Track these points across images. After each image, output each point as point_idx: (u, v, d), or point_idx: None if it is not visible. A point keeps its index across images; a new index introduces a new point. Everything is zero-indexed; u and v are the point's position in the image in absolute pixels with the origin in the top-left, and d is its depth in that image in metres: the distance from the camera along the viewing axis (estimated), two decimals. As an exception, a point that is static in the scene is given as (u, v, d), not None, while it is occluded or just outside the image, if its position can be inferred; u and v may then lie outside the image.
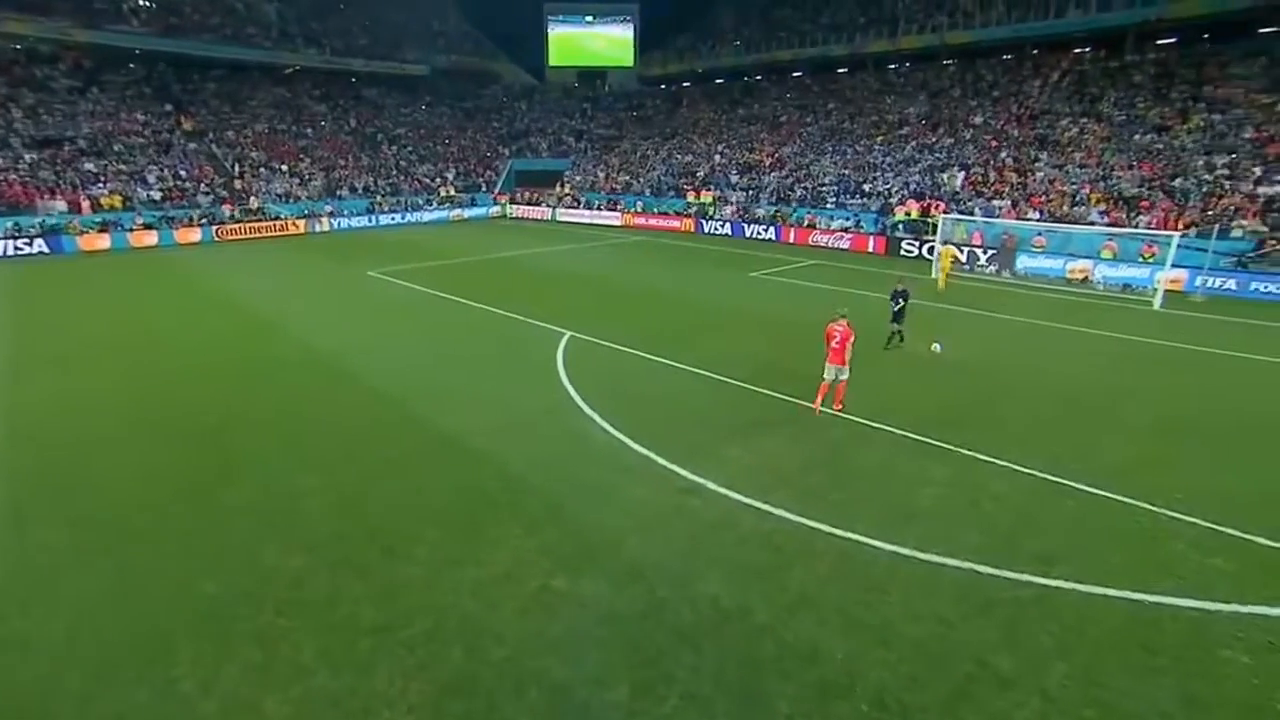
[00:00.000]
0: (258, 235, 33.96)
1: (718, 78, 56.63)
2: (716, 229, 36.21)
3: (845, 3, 50.62)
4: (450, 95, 56.64)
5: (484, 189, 46.92)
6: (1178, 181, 27.63)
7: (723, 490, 8.31)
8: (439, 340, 15.05)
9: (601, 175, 47.56)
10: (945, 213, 29.45)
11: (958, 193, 31.66)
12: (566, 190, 46.01)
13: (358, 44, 51.27)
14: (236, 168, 38.70)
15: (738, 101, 51.84)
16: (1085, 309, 19.70)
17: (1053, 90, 37.46)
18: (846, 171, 37.51)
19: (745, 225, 35.03)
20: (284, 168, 40.63)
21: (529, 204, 44.98)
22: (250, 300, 19.10)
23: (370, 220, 38.79)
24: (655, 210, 39.96)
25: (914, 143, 37.62)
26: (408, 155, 47.61)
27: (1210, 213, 25.20)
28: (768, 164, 41.52)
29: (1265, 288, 21.43)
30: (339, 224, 37.40)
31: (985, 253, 26.38)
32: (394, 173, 44.94)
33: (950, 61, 44.51)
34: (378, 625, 5.92)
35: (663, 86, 60.25)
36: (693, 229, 37.14)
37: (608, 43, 61.87)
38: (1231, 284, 21.92)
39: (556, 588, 6.40)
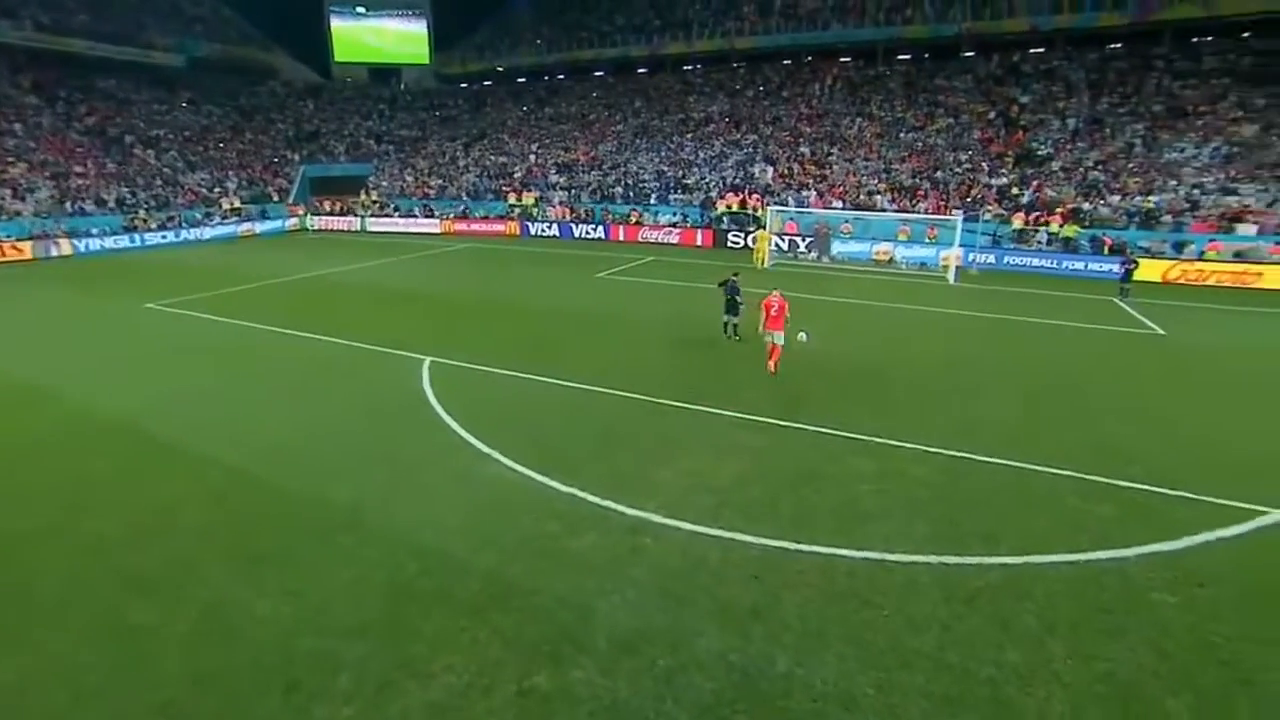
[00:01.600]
0: (-44, 266, 26.21)
1: (519, 77, 55.24)
2: (544, 231, 35.10)
3: (641, 6, 51.80)
4: (219, 91, 48.66)
5: (276, 199, 40.92)
6: (939, 174, 31.96)
7: (671, 522, 7.55)
8: (275, 384, 12.37)
9: (411, 180, 43.94)
10: (760, 205, 31.30)
11: (770, 185, 33.78)
12: (373, 197, 41.79)
13: (76, 20, 41.76)
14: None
15: (544, 101, 50.92)
16: (899, 287, 21.90)
17: (831, 93, 41.48)
18: (664, 168, 38.38)
19: (574, 226, 34.33)
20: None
21: (334, 214, 40.13)
22: (-23, 355, 14.39)
23: (132, 241, 31.72)
24: (477, 215, 37.73)
25: (722, 139, 39.53)
26: (172, 161, 40.00)
27: (968, 200, 29.47)
28: (584, 162, 41.19)
29: (1016, 260, 25.60)
30: (86, 246, 30.06)
31: (804, 240, 28.40)
32: (157, 182, 37.49)
33: (740, 65, 47.58)
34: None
35: (464, 85, 57.36)
36: (518, 232, 35.66)
37: (398, 38, 57.33)
38: (992, 259, 25.81)
39: (538, 687, 5.20)
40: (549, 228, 34.85)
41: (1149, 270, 22.47)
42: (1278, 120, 29.47)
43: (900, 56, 43.81)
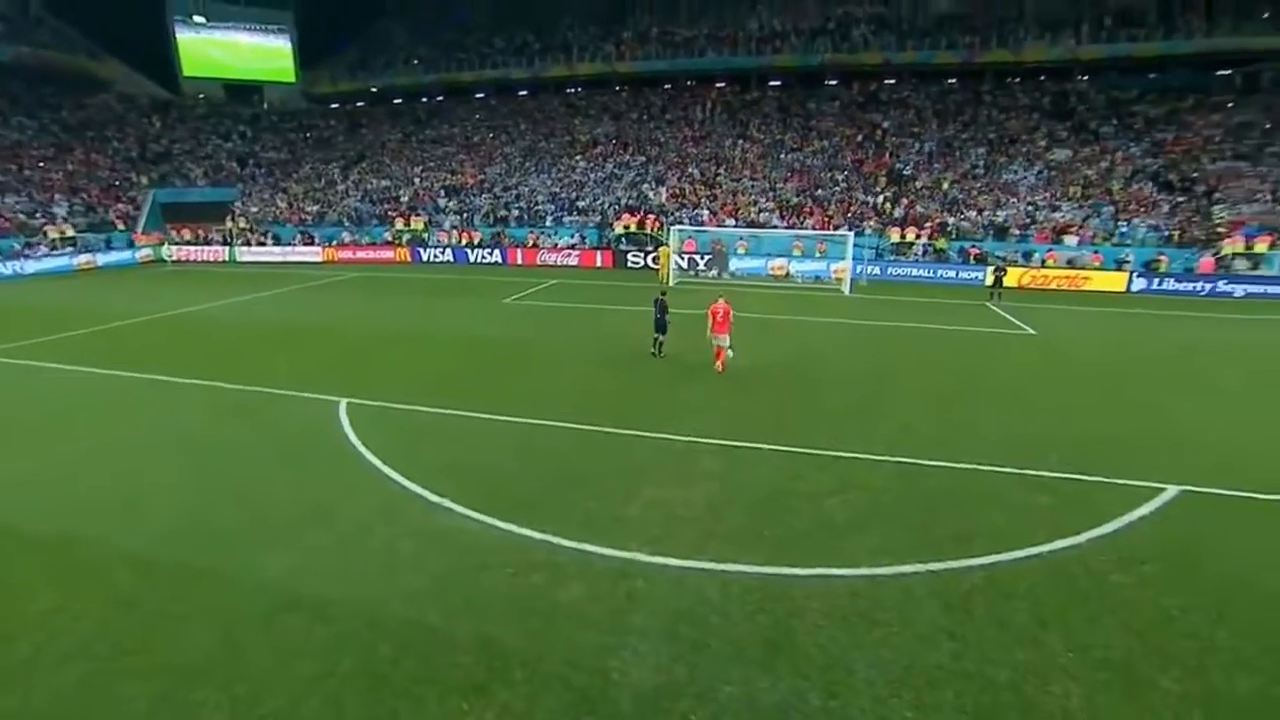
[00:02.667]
0: None
1: (396, 98, 52.89)
2: (436, 256, 33.54)
3: (520, 28, 51.38)
4: (33, 102, 42.37)
5: (121, 227, 36.02)
6: (820, 192, 34.03)
7: (658, 559, 7.18)
8: (168, 444, 10.46)
9: (284, 205, 40.50)
10: (657, 224, 31.79)
11: (664, 205, 34.37)
12: (242, 224, 37.99)
13: None
14: None
15: (424, 122, 49.07)
16: (801, 300, 22.90)
17: (713, 116, 43.11)
18: (558, 189, 38.02)
19: (469, 250, 33.06)
20: None
21: (195, 243, 35.99)
22: None
23: (-76, 279, 26.64)
24: (363, 241, 35.35)
25: (612, 161, 39.81)
26: (-27, 183, 34.21)
27: (849, 216, 31.57)
28: (473, 185, 39.95)
29: (898, 271, 27.71)
30: None
31: (703, 258, 29.08)
32: (-46, 209, 31.86)
33: (623, 88, 48.42)
34: None
35: (335, 106, 53.99)
36: (409, 258, 33.82)
37: (256, 54, 53.00)
38: (877, 270, 27.77)
39: (572, 769, 4.65)
40: (442, 253, 33.34)
41: (1007, 277, 25.07)
42: (1081, 149, 34.25)
43: (773, 83, 46.58)
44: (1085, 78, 40.83)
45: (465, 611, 6.31)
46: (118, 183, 39.94)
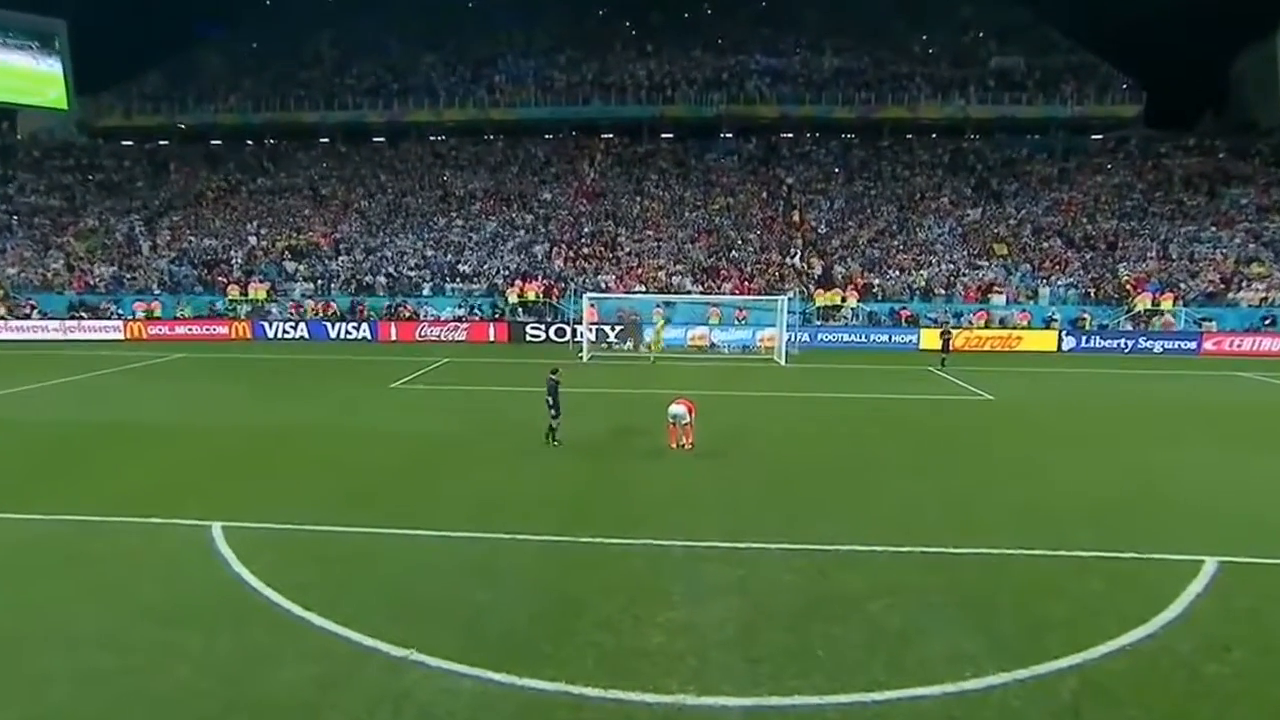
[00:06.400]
0: None
1: (214, 138, 50.27)
2: (286, 332, 31.47)
3: (372, 65, 51.31)
4: None
5: None
6: (734, 253, 35.96)
7: (714, 701, 6.63)
8: None
9: (60, 265, 36.43)
10: (558, 292, 31.99)
11: (561, 270, 34.66)
12: (-5, 292, 33.56)
13: None
14: None
15: (255, 169, 47.09)
16: (735, 373, 23.65)
17: (604, 171, 44.79)
18: (432, 252, 37.30)
19: (328, 325, 31.36)
20: None
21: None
22: None
23: None
24: (185, 315, 32.45)
25: (495, 219, 39.87)
26: None
27: (767, 278, 33.49)
28: (325, 245, 38.31)
29: (828, 337, 29.63)
30: None
31: (613, 329, 29.42)
32: None
33: (497, 137, 49.33)
34: None
35: (130, 143, 50.18)
36: (250, 334, 31.47)
37: (12, 73, 47.47)
38: (806, 336, 29.45)
39: None
40: (294, 328, 31.31)
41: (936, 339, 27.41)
42: (988, 207, 39.16)
43: (665, 135, 49.48)
44: (976, 137, 47.18)
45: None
46: None
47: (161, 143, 50.59)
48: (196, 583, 9.11)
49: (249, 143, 50.71)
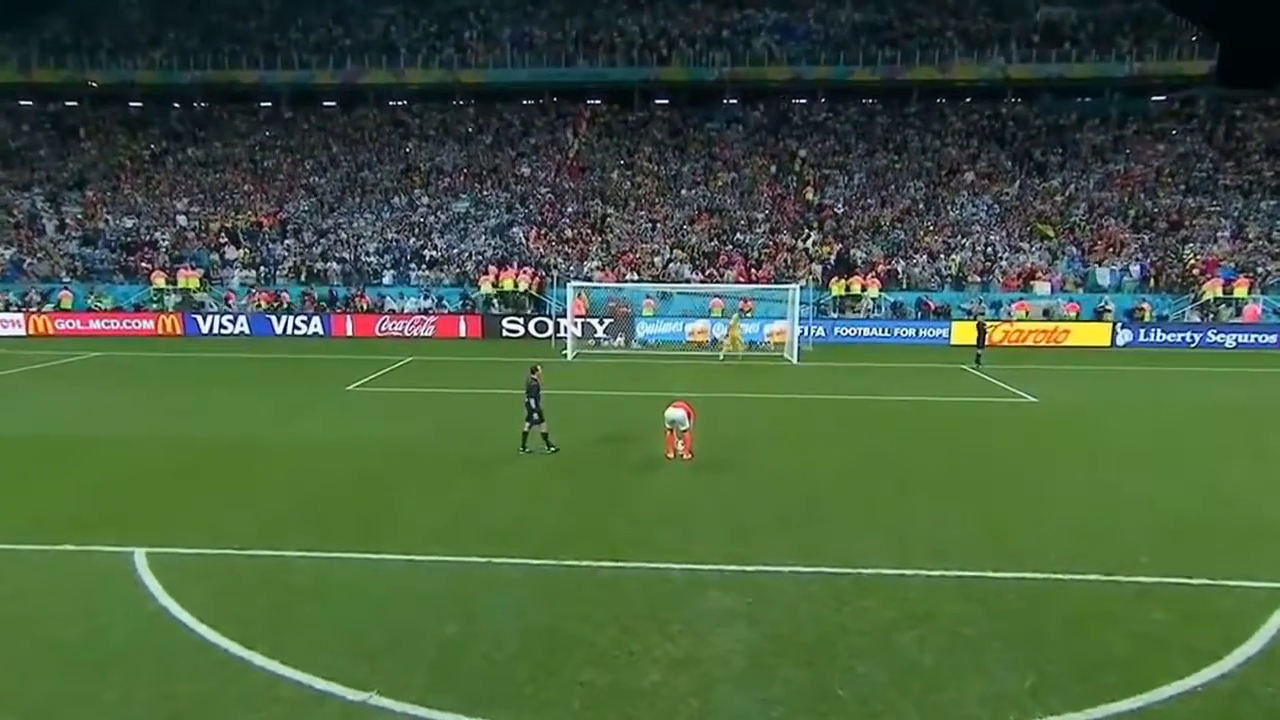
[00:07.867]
0: None
1: (134, 99, 50.11)
2: (224, 327, 31.48)
3: (321, 19, 51.20)
4: None
5: None
6: (739, 236, 36.05)
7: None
8: None
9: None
10: (539, 281, 32.08)
11: (542, 256, 34.68)
12: None
13: None
14: None
15: (185, 136, 47.07)
16: (743, 373, 23.73)
17: (590, 142, 44.82)
18: (394, 235, 37.29)
19: (274, 319, 31.39)
20: None
21: None
22: None
23: None
24: (101, 306, 32.36)
25: (466, 197, 39.87)
26: None
27: (777, 265, 33.60)
28: (269, 226, 38.22)
29: (846, 331, 29.78)
30: None
31: (601, 322, 29.53)
32: None
33: (468, 102, 49.28)
34: None
35: (29, 104, 49.84)
36: (180, 330, 31.45)
37: None
38: (821, 331, 29.59)
39: None
40: (232, 322, 31.32)
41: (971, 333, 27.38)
42: (1028, 181, 39.39)
43: (660, 101, 49.54)
44: (1017, 101, 47.27)
45: None
46: None
47: (69, 104, 50.36)
48: (114, 620, 8.98)
49: (176, 105, 50.50)
